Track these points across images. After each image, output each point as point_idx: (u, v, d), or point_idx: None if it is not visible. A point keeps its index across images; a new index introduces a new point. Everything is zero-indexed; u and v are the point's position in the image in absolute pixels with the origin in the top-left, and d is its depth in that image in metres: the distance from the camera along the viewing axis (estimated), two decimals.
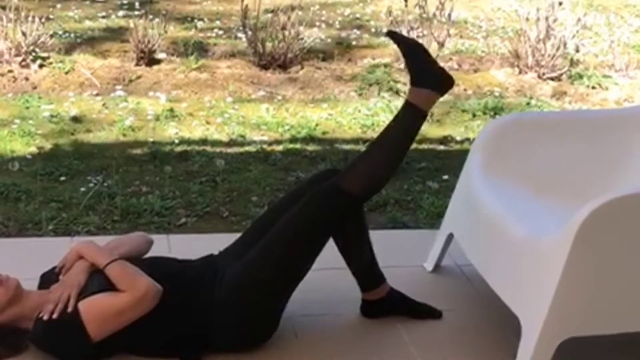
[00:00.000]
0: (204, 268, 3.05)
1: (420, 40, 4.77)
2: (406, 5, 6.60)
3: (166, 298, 2.85)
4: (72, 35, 6.78)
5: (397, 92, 6.08)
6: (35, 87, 5.83)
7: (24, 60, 5.99)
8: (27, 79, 5.89)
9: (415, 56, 3.09)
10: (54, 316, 2.79)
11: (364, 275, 3.26)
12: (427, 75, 3.06)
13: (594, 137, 3.51)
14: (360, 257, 3.22)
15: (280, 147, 5.11)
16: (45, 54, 6.13)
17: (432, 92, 3.07)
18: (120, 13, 7.61)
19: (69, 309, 2.80)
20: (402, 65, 6.29)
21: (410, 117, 3.07)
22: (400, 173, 4.76)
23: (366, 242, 3.22)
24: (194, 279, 2.98)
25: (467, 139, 5.34)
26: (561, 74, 6.51)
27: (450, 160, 4.95)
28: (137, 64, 6.19)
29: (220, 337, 2.94)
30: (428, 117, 5.56)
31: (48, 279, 3.02)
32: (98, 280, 2.88)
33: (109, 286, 2.84)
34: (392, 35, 3.17)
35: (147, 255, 3.15)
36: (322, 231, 3.03)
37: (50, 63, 6.08)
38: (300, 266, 3.01)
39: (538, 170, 3.41)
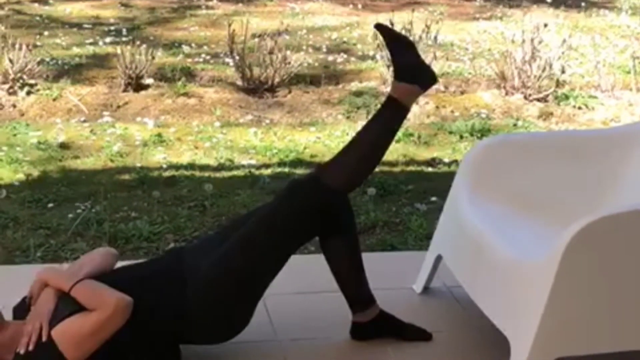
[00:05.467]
0: (169, 263, 3.02)
1: None
2: None
3: (136, 305, 2.80)
4: (60, 62, 6.80)
5: None
6: (22, 114, 5.84)
7: (11, 87, 6.00)
8: (14, 106, 5.90)
9: (400, 50, 3.06)
10: (30, 348, 2.75)
11: (355, 296, 3.24)
12: (411, 70, 3.03)
13: (580, 157, 3.51)
14: (351, 278, 3.20)
15: (268, 171, 5.11)
16: (32, 81, 6.15)
17: (415, 87, 3.04)
18: (108, 39, 7.64)
19: (44, 339, 2.75)
20: (389, 89, 6.32)
21: (391, 112, 3.04)
22: (388, 195, 4.78)
23: (358, 263, 3.19)
24: (160, 278, 2.94)
25: (455, 161, 5.35)
26: (547, 95, 6.54)
27: (438, 182, 4.96)
28: (124, 90, 6.21)
29: (196, 330, 2.91)
30: (415, 139, 5.69)
31: (21, 310, 2.98)
32: (67, 304, 2.82)
33: (79, 307, 2.80)
34: (380, 28, 3.13)
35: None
36: (300, 223, 2.97)
37: (38, 90, 6.09)
38: (277, 257, 2.97)
39: (525, 191, 3.42)
